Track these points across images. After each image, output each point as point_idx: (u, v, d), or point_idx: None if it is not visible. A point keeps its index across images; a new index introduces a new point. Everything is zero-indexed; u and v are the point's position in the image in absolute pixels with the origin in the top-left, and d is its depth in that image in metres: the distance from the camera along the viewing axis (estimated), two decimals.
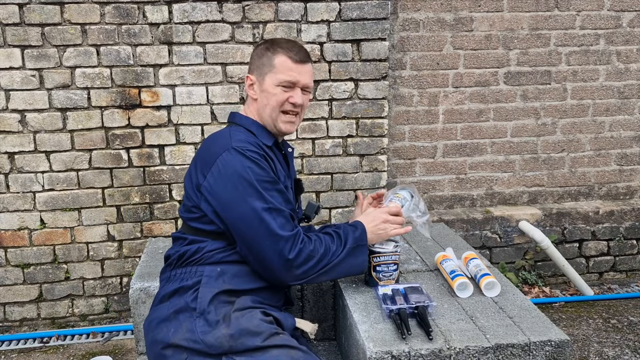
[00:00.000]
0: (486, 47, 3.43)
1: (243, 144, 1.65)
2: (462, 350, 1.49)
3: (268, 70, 1.73)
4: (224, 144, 1.66)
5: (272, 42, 1.77)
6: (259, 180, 1.60)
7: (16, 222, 3.08)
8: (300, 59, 1.73)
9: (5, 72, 2.93)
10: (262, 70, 1.75)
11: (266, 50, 1.75)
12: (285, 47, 1.73)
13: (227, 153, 1.62)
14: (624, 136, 3.68)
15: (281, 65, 1.71)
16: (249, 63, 1.82)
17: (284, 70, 1.71)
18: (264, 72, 1.74)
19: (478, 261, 1.90)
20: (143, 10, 2.97)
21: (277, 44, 1.75)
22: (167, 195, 3.18)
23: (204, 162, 1.67)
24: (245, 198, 1.58)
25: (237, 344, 1.51)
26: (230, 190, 1.60)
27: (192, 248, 1.67)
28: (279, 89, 1.72)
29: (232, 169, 1.60)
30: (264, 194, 1.59)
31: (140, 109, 3.07)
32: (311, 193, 3.30)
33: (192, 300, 1.59)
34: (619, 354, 2.80)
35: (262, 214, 1.58)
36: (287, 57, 1.71)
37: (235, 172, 1.59)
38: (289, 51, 1.72)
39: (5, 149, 3.00)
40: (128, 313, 3.28)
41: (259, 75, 1.76)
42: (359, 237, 1.72)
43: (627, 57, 3.57)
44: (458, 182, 3.58)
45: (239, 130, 1.74)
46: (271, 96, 1.72)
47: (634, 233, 3.68)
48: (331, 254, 1.66)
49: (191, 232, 1.71)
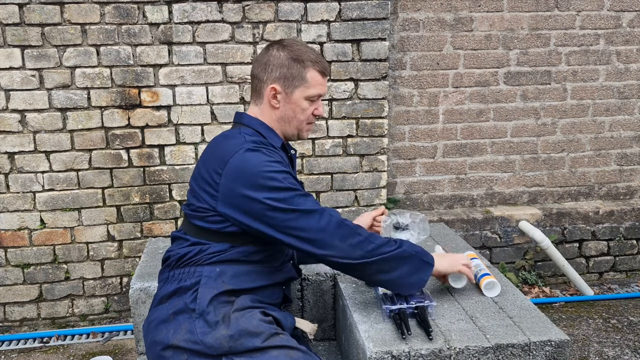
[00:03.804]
0: (486, 47, 3.43)
1: (257, 143, 1.66)
2: (462, 350, 1.49)
3: (299, 83, 1.71)
4: (236, 143, 1.65)
5: (297, 52, 1.72)
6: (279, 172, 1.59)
7: (16, 222, 3.08)
8: (327, 73, 1.76)
9: (5, 72, 2.93)
10: (291, 82, 1.71)
11: (293, 61, 1.70)
12: (314, 59, 1.72)
13: (242, 151, 1.61)
14: (624, 136, 3.68)
15: (313, 80, 1.71)
16: (265, 68, 1.72)
17: (315, 85, 1.72)
18: (293, 85, 1.71)
19: (478, 261, 1.90)
20: (143, 10, 2.97)
21: (304, 54, 1.72)
22: (167, 195, 3.18)
23: (218, 161, 1.63)
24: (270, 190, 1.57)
25: (236, 344, 1.51)
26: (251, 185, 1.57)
27: (194, 250, 1.65)
28: (307, 103, 1.73)
29: (250, 164, 1.58)
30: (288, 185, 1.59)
31: (140, 109, 3.07)
32: (311, 193, 3.30)
33: (192, 301, 1.58)
34: (619, 354, 2.80)
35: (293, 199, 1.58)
36: (318, 71, 1.72)
37: (254, 168, 1.58)
38: (319, 65, 1.72)
39: (5, 149, 3.00)
40: (128, 313, 3.28)
41: (286, 87, 1.71)
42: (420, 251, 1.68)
43: (627, 57, 3.57)
44: (458, 182, 3.58)
45: (248, 131, 1.73)
46: (299, 109, 1.73)
47: (634, 233, 3.68)
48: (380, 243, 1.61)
49: (193, 232, 1.68)
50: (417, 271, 1.65)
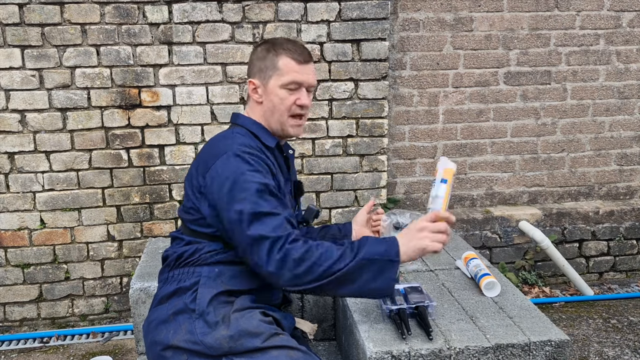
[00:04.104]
0: (486, 47, 3.43)
1: (243, 147, 1.62)
2: (462, 350, 1.49)
3: (272, 72, 1.69)
4: (224, 146, 1.64)
5: (272, 44, 1.73)
6: (253, 183, 1.55)
7: (16, 222, 3.08)
8: (304, 59, 1.69)
9: (5, 72, 2.93)
10: (265, 73, 1.71)
11: (267, 52, 1.71)
12: (287, 47, 1.69)
13: (226, 156, 1.60)
14: (624, 136, 3.68)
15: (286, 67, 1.68)
16: (249, 66, 1.77)
17: (288, 71, 1.68)
18: (267, 75, 1.70)
19: (478, 261, 1.90)
20: (143, 10, 2.97)
21: (279, 44, 1.71)
22: (167, 195, 3.18)
23: (204, 164, 1.65)
24: (237, 201, 1.55)
25: (236, 345, 1.51)
26: (224, 193, 1.57)
27: (190, 249, 1.67)
28: (285, 92, 1.68)
29: (228, 171, 1.57)
30: (256, 198, 1.54)
31: (140, 109, 3.07)
32: (311, 193, 3.30)
33: (191, 301, 1.59)
34: (619, 354, 2.80)
35: (251, 217, 1.52)
36: (291, 58, 1.68)
37: (230, 176, 1.57)
38: (292, 52, 1.68)
39: (5, 149, 3.00)
40: (128, 313, 3.28)
41: (262, 79, 1.71)
42: (382, 251, 1.50)
43: (627, 57, 3.57)
44: (458, 182, 3.58)
45: (241, 132, 1.72)
46: (277, 99, 1.69)
47: (634, 233, 3.68)
48: (332, 262, 1.48)
49: (188, 233, 1.70)
50: (381, 274, 1.50)
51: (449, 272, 1.98)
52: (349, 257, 1.49)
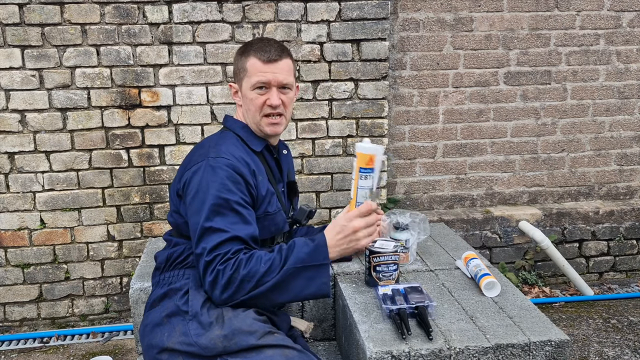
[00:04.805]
0: (486, 47, 3.43)
1: (220, 157, 1.61)
2: (462, 350, 1.49)
3: (243, 75, 1.72)
4: (204, 152, 1.66)
5: (245, 45, 1.74)
6: (213, 197, 1.55)
7: (16, 222, 3.08)
8: (270, 58, 1.67)
9: (5, 72, 2.93)
10: (238, 76, 1.74)
11: (240, 54, 1.74)
12: (255, 48, 1.69)
13: (199, 165, 1.62)
14: (624, 136, 3.68)
15: (252, 68, 1.68)
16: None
17: (254, 72, 1.68)
18: (240, 78, 1.73)
19: (478, 261, 1.90)
20: (143, 10, 2.97)
21: (249, 45, 1.72)
22: (167, 196, 3.18)
23: (183, 169, 1.70)
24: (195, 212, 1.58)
25: (231, 344, 1.50)
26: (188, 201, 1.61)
27: (178, 250, 1.70)
28: (254, 93, 1.69)
29: (196, 180, 1.60)
30: (210, 213, 1.54)
31: (140, 109, 3.07)
32: (311, 193, 3.31)
33: (184, 303, 1.59)
34: (619, 354, 2.80)
35: (202, 230, 1.54)
36: (257, 58, 1.68)
37: (195, 186, 1.60)
38: (258, 52, 1.68)
39: (5, 149, 3.00)
40: (128, 313, 3.28)
41: (238, 82, 1.75)
42: (309, 257, 1.53)
43: (627, 57, 3.57)
44: (458, 182, 3.58)
45: (228, 135, 1.74)
46: (249, 101, 1.71)
47: (634, 233, 3.68)
48: (260, 276, 1.50)
49: (176, 235, 1.75)
50: (313, 280, 1.53)
51: (449, 272, 1.98)
52: (277, 268, 1.52)
